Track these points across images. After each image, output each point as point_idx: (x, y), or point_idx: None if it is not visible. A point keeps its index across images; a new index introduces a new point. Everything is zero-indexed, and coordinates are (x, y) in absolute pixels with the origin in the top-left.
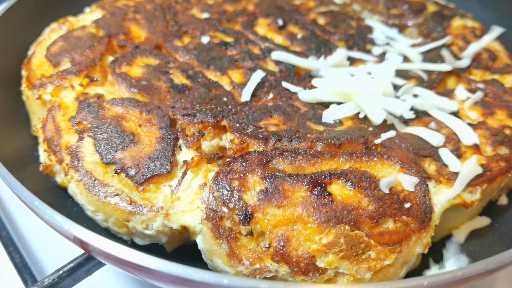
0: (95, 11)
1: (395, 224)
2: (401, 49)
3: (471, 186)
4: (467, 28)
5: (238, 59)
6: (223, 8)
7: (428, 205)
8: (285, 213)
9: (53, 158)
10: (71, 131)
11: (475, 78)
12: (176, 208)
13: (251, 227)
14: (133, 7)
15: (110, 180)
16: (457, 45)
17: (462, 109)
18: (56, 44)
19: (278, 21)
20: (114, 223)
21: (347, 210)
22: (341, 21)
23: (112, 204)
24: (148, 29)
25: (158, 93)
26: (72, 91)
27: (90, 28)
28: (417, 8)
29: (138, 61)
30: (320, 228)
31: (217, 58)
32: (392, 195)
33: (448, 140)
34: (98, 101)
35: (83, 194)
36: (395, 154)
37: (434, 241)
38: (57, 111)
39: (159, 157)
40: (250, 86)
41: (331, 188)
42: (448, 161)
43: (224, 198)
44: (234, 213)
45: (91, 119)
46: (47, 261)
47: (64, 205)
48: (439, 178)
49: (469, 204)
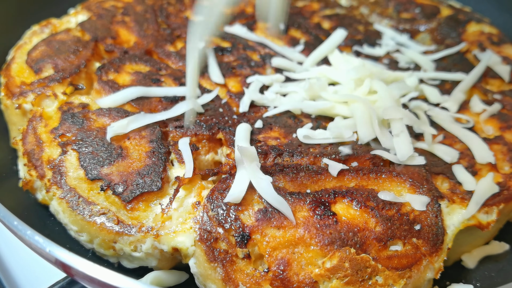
0: (80, 12)
1: (405, 247)
2: (412, 56)
3: (487, 206)
4: (484, 34)
5: (236, 66)
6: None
7: (441, 226)
8: (285, 234)
9: (33, 173)
10: (54, 144)
11: (492, 89)
12: (167, 229)
13: (248, 249)
14: (122, 9)
15: (96, 197)
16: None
17: (477, 122)
18: (38, 48)
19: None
20: (100, 244)
21: (352, 232)
22: (348, 26)
23: (98, 223)
24: (138, 33)
25: (149, 103)
26: (55, 100)
27: (75, 32)
28: (430, 12)
29: (127, 67)
30: (324, 251)
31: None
32: (401, 215)
33: (462, 156)
34: (83, 111)
35: (66, 213)
36: (405, 171)
37: (447, 265)
38: (38, 122)
39: (149, 173)
40: (248, 96)
41: (335, 207)
42: (462, 179)
43: (219, 218)
44: (230, 234)
45: (75, 131)
46: (27, 285)
47: (46, 224)
48: (453, 197)
49: (484, 226)
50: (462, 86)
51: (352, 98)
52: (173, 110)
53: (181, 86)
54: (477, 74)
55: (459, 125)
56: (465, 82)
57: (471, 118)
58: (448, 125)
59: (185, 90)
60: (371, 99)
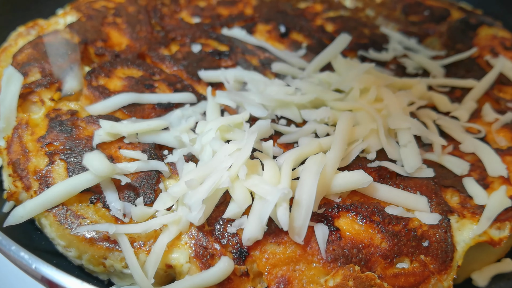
0: (69, 13)
1: (412, 265)
2: (421, 61)
3: (499, 221)
4: (497, 39)
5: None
6: (217, 11)
7: (450, 242)
8: (286, 251)
9: (19, 184)
10: (40, 153)
11: (505, 96)
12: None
13: (246, 266)
14: (113, 10)
15: (85, 210)
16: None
17: (489, 132)
18: (24, 51)
19: (280, 27)
20: (89, 260)
21: (357, 248)
22: (353, 29)
23: (87, 238)
24: (131, 35)
25: (141, 110)
26: (42, 106)
27: (63, 33)
28: (439, 15)
29: (118, 72)
30: (326, 268)
31: (210, 70)
32: (408, 231)
33: (473, 168)
34: (71, 119)
35: (53, 227)
36: (413, 184)
37: (456, 283)
38: (24, 130)
39: (141, 184)
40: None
41: (339, 222)
42: (473, 192)
43: (216, 233)
44: (227, 251)
45: (63, 140)
46: None
47: (32, 239)
48: (463, 211)
49: (496, 242)
50: (473, 93)
51: (357, 106)
52: (167, 117)
53: (176, 92)
54: (489, 81)
55: (470, 135)
56: (476, 89)
57: (482, 127)
58: (458, 135)
59: (180, 97)
60: (377, 108)
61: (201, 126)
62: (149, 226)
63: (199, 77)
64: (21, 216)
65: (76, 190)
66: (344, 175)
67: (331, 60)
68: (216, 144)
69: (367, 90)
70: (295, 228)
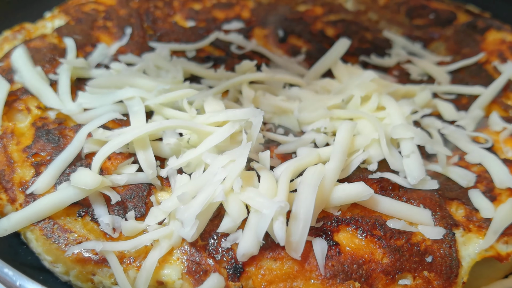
0: (58, 16)
1: (415, 281)
2: (425, 67)
3: (507, 235)
4: (505, 43)
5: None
6: (212, 15)
7: (455, 258)
8: (282, 266)
9: (3, 197)
10: (26, 164)
11: None
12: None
13: (242, 283)
14: (104, 13)
15: (73, 224)
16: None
17: (497, 141)
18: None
19: (278, 31)
20: (77, 276)
21: (357, 264)
22: (354, 33)
23: (75, 253)
24: (122, 40)
25: None
26: (28, 115)
27: (51, 38)
28: (445, 18)
29: None
30: (325, 285)
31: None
32: (411, 245)
33: (479, 180)
34: (59, 128)
35: (39, 241)
36: (416, 196)
37: None
38: (9, 139)
39: (131, 197)
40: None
41: (338, 237)
42: (479, 205)
43: (209, 248)
44: (221, 267)
45: (50, 150)
46: None
47: (17, 253)
48: (469, 225)
49: (504, 257)
50: (480, 101)
51: (358, 114)
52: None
53: None
54: (497, 88)
55: (477, 145)
56: (483, 96)
57: (489, 137)
58: (464, 145)
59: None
60: (379, 116)
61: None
62: (139, 243)
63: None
64: (5, 229)
65: (63, 204)
66: (344, 187)
67: (331, 66)
68: (209, 156)
69: (368, 98)
70: (292, 243)
